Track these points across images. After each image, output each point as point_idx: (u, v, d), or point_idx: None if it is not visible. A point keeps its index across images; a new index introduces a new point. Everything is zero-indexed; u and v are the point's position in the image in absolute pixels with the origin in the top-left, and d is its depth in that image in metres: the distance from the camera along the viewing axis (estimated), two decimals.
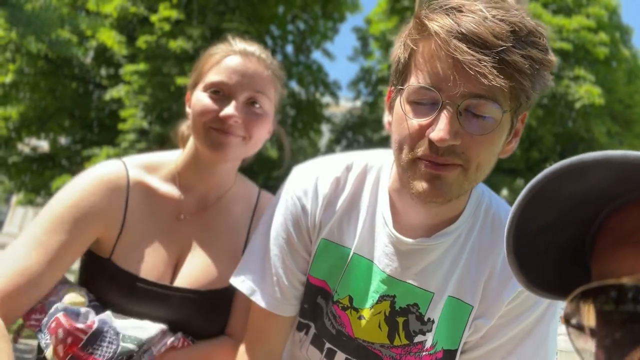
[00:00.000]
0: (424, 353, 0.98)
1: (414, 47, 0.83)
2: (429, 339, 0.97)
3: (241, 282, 1.07)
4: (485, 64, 0.74)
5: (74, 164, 10.89)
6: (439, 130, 0.78)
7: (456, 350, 0.97)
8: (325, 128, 13.85)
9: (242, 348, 1.10)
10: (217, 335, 1.21)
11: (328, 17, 11.80)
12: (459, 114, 0.79)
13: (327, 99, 12.38)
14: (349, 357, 1.03)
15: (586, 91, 8.97)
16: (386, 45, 11.33)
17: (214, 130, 1.14)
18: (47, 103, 10.56)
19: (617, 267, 0.40)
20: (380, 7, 11.94)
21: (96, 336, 1.02)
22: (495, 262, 0.96)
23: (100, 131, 10.72)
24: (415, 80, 0.82)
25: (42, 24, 8.26)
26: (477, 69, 0.74)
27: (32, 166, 11.22)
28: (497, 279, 0.96)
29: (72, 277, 1.25)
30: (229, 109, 1.12)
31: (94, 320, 1.04)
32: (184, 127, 1.32)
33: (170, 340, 1.11)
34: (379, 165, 1.06)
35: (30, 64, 9.91)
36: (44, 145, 12.05)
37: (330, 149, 13.55)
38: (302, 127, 11.71)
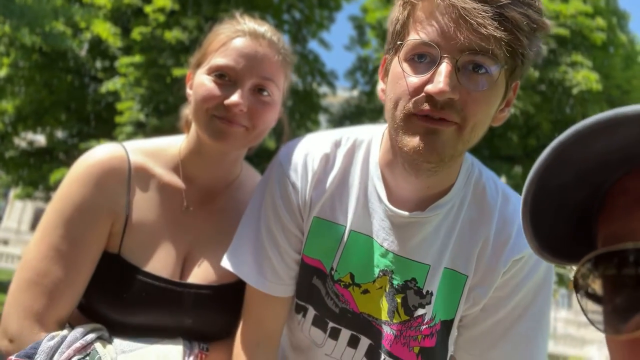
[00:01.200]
0: (423, 326, 0.98)
1: (413, 4, 0.84)
2: (428, 312, 0.98)
3: (234, 265, 1.06)
4: (485, 15, 0.75)
5: (72, 158, 10.81)
6: (438, 82, 0.78)
7: (452, 321, 0.98)
8: (322, 118, 13.80)
9: (240, 331, 1.10)
10: (233, 328, 1.17)
11: (324, 6, 11.70)
12: (457, 69, 0.80)
13: (324, 89, 12.32)
14: (354, 333, 1.03)
15: (583, 77, 8.94)
16: (383, 34, 11.25)
17: (217, 118, 1.06)
18: (42, 97, 10.49)
19: (635, 227, 0.39)
20: None
21: None
22: (489, 232, 0.97)
23: (97, 124, 10.67)
24: (414, 35, 0.83)
25: (35, 16, 8.17)
26: (477, 19, 0.75)
27: (29, 160, 11.18)
28: (491, 249, 0.96)
29: None
30: (235, 97, 1.04)
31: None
32: (188, 110, 1.23)
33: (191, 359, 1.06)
34: (369, 140, 1.05)
35: (25, 57, 9.83)
36: (40, 139, 12.01)
37: None
38: (300, 117, 11.67)
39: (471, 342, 1.00)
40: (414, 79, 0.82)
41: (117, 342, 1.03)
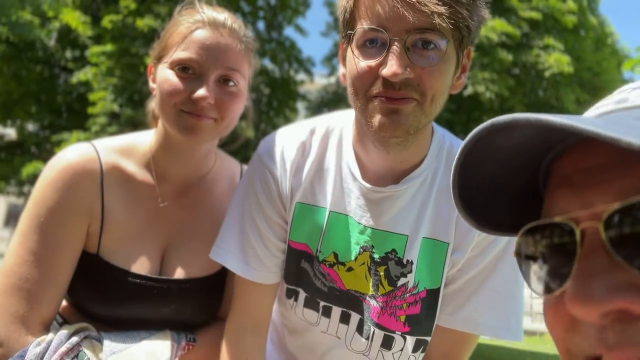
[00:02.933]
0: (407, 294, 1.03)
1: None
2: (410, 280, 1.03)
3: (221, 255, 1.10)
4: None
5: (44, 151, 10.58)
6: (391, 66, 0.84)
7: (439, 289, 1.04)
8: (300, 105, 13.75)
9: (229, 318, 1.13)
10: (217, 314, 1.20)
11: None
12: (406, 49, 0.85)
13: (301, 76, 12.25)
14: (345, 310, 1.08)
15: (555, 60, 9.10)
16: (336, 11, 11.21)
17: (185, 113, 1.06)
18: (11, 88, 10.16)
19: (555, 206, 0.45)
20: None
21: None
22: None
23: (69, 116, 10.40)
24: (361, 24, 0.88)
25: (1, 5, 7.89)
26: None
27: (0, 155, 10.87)
28: None
29: None
30: (202, 91, 1.04)
31: None
32: (154, 104, 1.22)
33: (179, 354, 1.09)
34: (341, 125, 1.10)
35: None
36: (10, 132, 11.66)
37: None
38: (278, 105, 11.60)
39: (445, 301, 1.05)
40: (368, 64, 0.87)
41: (106, 342, 1.04)
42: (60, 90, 10.49)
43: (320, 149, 1.08)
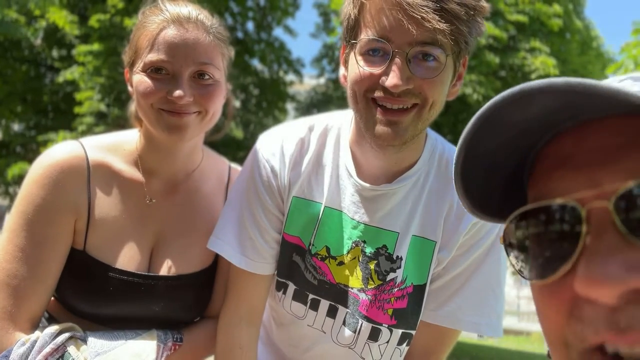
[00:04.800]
0: (395, 289, 1.07)
1: (363, 2, 0.92)
2: (399, 275, 1.07)
3: (219, 245, 1.12)
4: (427, 9, 0.84)
5: (29, 151, 10.43)
6: (393, 78, 0.88)
7: (425, 285, 1.08)
8: (290, 106, 13.74)
9: (224, 309, 1.16)
10: (205, 312, 1.20)
11: None
12: (408, 61, 0.89)
13: (290, 76, 12.25)
14: (332, 303, 1.11)
15: (542, 62, 9.22)
16: (340, 15, 11.24)
17: (165, 112, 1.06)
18: None
19: (554, 187, 0.44)
20: None
21: None
22: (452, 199, 1.07)
23: (55, 115, 10.29)
24: (366, 34, 0.91)
25: None
26: (421, 14, 0.84)
27: None
28: (455, 215, 1.07)
29: None
30: (178, 92, 1.03)
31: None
32: (133, 107, 1.22)
33: (165, 354, 1.09)
34: (339, 124, 1.14)
35: None
36: None
37: None
38: (267, 106, 11.59)
39: (429, 297, 1.09)
40: (371, 71, 0.91)
41: (91, 341, 1.03)
42: (47, 89, 10.36)
43: (319, 146, 1.12)
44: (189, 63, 1.06)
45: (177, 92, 1.03)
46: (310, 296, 1.12)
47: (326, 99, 13.28)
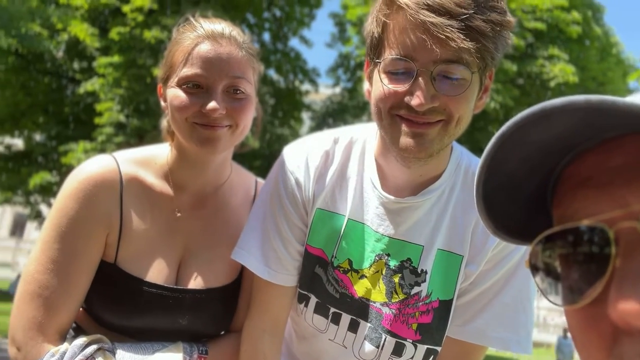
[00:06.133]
0: (420, 303, 1.05)
1: (386, 21, 0.90)
2: (423, 289, 1.05)
3: (242, 256, 1.12)
4: (452, 29, 0.82)
5: (51, 161, 10.68)
6: (417, 97, 0.87)
7: (451, 300, 1.05)
8: (305, 116, 13.82)
9: (247, 320, 1.15)
10: (231, 326, 1.21)
11: (304, 3, 11.71)
12: (433, 79, 0.87)
13: (306, 86, 12.34)
14: (354, 318, 1.09)
15: (560, 70, 9.13)
16: (363, 31, 11.31)
17: (198, 125, 1.08)
18: (19, 99, 10.31)
19: (579, 208, 0.42)
20: None
21: None
22: None
23: (76, 126, 10.51)
24: (390, 52, 0.90)
25: (10, 18, 8.02)
26: (446, 33, 0.82)
27: (7, 165, 10.97)
28: (482, 228, 1.03)
29: None
30: (212, 104, 1.05)
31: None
32: (166, 122, 1.24)
33: None
34: (364, 137, 1.13)
35: (1, 60, 9.63)
36: (18, 143, 11.78)
37: None
38: (283, 115, 11.68)
39: (456, 312, 1.06)
40: (395, 89, 0.90)
41: (119, 353, 1.04)
42: (68, 101, 10.61)
43: (343, 158, 1.11)
44: (223, 77, 1.08)
45: (211, 105, 1.05)
46: (332, 309, 1.11)
47: (342, 108, 13.32)
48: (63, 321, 1.04)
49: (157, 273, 1.11)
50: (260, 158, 10.43)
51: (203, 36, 1.09)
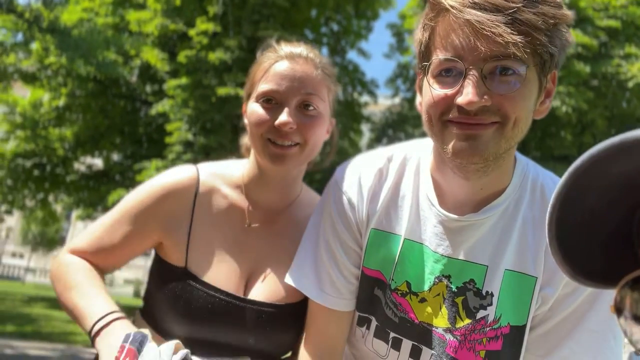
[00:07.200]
0: (487, 328, 0.97)
1: (433, 25, 0.87)
2: (490, 313, 0.97)
3: (296, 280, 1.10)
4: (499, 24, 0.78)
5: (127, 179, 11.37)
6: (466, 95, 0.82)
7: (524, 326, 0.96)
8: (365, 127, 13.78)
9: (304, 344, 1.12)
10: (296, 347, 1.20)
11: (361, 16, 11.76)
12: (484, 77, 0.82)
13: (365, 98, 12.32)
14: (415, 344, 1.04)
15: (639, 69, 8.47)
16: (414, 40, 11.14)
17: (271, 143, 1.13)
18: (98, 122, 11.12)
19: None
20: (415, 1, 11.76)
21: None
22: None
23: (148, 145, 11.16)
24: (437, 55, 0.86)
25: (89, 47, 8.70)
26: (492, 29, 0.78)
27: (88, 183, 11.82)
28: None
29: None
30: (283, 117, 1.10)
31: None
32: (246, 138, 1.32)
33: None
34: (419, 153, 1.09)
35: (81, 86, 10.48)
36: (98, 162, 12.67)
37: (371, 149, 13.42)
38: (342, 128, 11.70)
39: (536, 342, 0.97)
40: (445, 92, 0.86)
41: None
42: (141, 122, 11.30)
43: (398, 176, 1.07)
44: (296, 92, 1.14)
45: (282, 118, 1.11)
46: (392, 334, 1.05)
47: (401, 119, 13.16)
48: (110, 262, 1.22)
49: (225, 280, 1.14)
50: (321, 171, 10.49)
51: (282, 56, 1.17)
